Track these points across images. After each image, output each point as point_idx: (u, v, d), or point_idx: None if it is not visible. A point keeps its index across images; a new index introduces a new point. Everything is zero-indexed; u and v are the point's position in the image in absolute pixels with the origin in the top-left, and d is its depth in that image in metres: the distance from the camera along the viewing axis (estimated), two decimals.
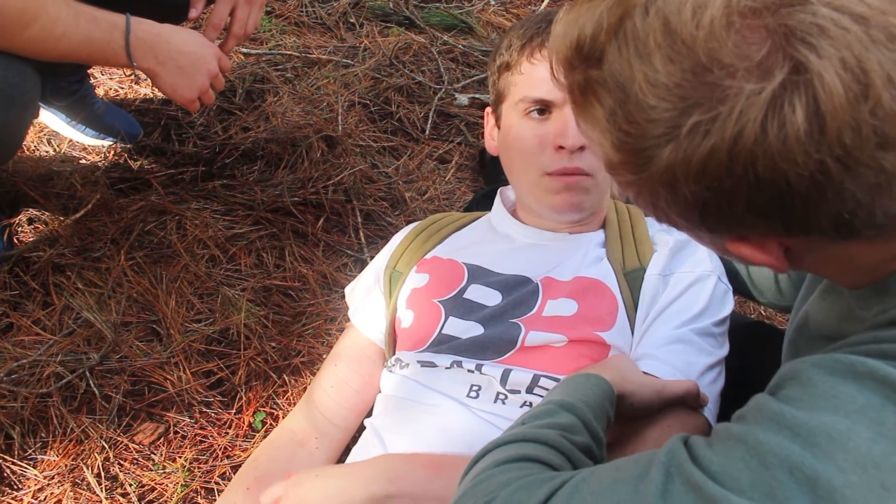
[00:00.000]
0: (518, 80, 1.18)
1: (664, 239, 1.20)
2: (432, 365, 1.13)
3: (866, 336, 0.66)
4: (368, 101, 2.17)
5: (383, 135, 2.10)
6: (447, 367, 1.12)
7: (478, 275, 1.21)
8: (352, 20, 2.50)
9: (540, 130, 1.16)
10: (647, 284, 1.13)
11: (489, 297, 1.17)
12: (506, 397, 1.08)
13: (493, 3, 2.75)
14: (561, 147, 1.14)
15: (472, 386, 1.09)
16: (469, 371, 1.10)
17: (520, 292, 1.16)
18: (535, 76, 1.15)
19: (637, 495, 0.59)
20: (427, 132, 2.14)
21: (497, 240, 1.27)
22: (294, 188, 1.82)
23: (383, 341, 1.27)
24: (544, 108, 1.15)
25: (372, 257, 1.72)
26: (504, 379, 1.08)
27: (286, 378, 1.48)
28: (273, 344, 1.52)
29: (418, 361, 1.14)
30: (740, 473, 0.57)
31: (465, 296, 1.18)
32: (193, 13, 1.42)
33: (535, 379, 1.07)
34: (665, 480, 0.59)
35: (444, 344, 1.14)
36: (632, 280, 1.14)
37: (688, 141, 0.58)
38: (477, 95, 2.28)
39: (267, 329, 1.54)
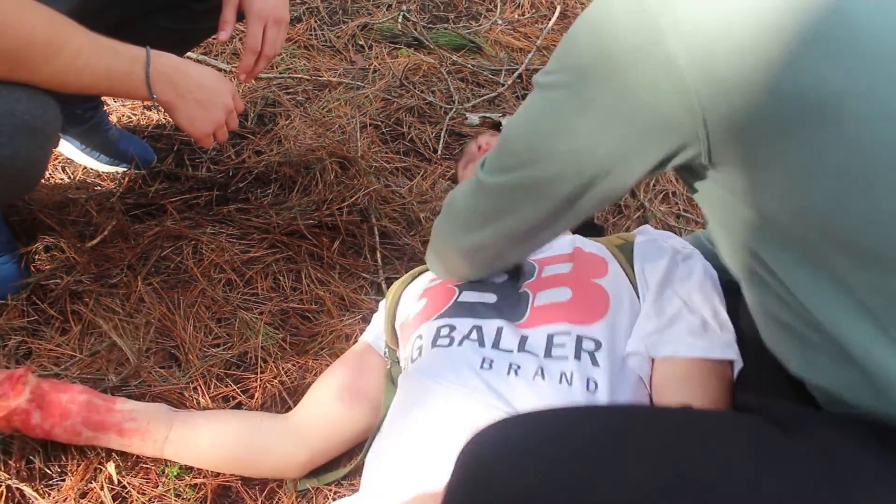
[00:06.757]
0: None
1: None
2: (448, 335, 1.17)
3: None
4: (380, 123, 2.18)
5: (396, 156, 2.10)
6: (460, 343, 1.15)
7: (467, 286, 1.30)
8: (360, 42, 2.52)
9: None
10: (639, 246, 1.29)
11: (484, 295, 1.26)
12: (519, 368, 1.09)
13: (500, 22, 2.76)
14: None
15: (484, 358, 1.12)
16: (481, 345, 1.14)
17: (517, 272, 1.29)
18: None
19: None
20: (439, 152, 2.14)
21: None
22: (309, 210, 1.82)
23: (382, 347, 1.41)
24: None
25: (387, 279, 1.72)
26: (521, 345, 1.12)
27: (301, 397, 1.47)
28: (289, 365, 1.52)
29: (436, 329, 1.20)
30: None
31: (460, 300, 1.26)
32: (223, 35, 1.42)
33: (549, 339, 1.12)
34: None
35: (462, 308, 1.23)
36: (624, 251, 1.29)
37: None
38: (488, 114, 2.28)
39: (285, 351, 1.54)
